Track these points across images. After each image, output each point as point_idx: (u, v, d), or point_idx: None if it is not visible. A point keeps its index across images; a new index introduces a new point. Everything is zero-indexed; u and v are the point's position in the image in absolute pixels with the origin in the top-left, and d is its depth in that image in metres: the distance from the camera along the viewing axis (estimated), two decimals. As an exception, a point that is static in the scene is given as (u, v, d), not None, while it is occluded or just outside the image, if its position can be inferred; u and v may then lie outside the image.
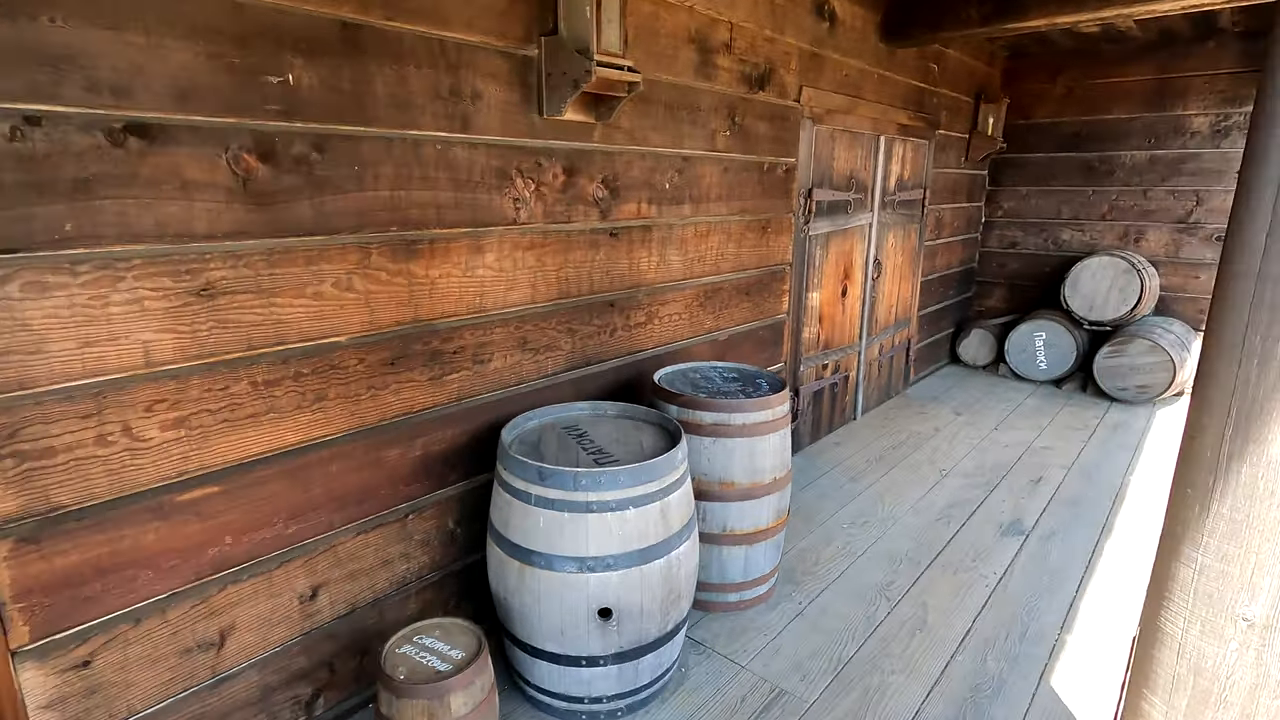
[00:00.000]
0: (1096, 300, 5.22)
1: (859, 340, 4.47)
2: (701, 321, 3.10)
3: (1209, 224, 5.17)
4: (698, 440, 2.37)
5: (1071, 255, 5.74)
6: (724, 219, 3.10)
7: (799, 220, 3.60)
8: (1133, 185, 5.43)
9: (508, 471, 1.91)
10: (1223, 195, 5.08)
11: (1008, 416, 4.76)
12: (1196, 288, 5.29)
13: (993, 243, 6.17)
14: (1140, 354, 4.88)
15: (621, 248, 2.61)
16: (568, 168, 2.33)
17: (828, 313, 4.05)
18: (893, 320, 4.88)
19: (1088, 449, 4.18)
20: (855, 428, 4.50)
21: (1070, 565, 2.88)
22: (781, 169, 3.40)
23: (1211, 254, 5.19)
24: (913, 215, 4.84)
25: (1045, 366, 5.43)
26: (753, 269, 3.35)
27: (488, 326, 2.18)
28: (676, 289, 2.91)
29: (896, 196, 4.54)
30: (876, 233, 4.38)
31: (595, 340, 2.58)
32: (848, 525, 3.22)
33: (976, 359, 5.90)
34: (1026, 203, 5.93)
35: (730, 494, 2.39)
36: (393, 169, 1.85)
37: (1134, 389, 4.96)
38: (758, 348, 3.51)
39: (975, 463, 3.96)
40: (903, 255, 4.82)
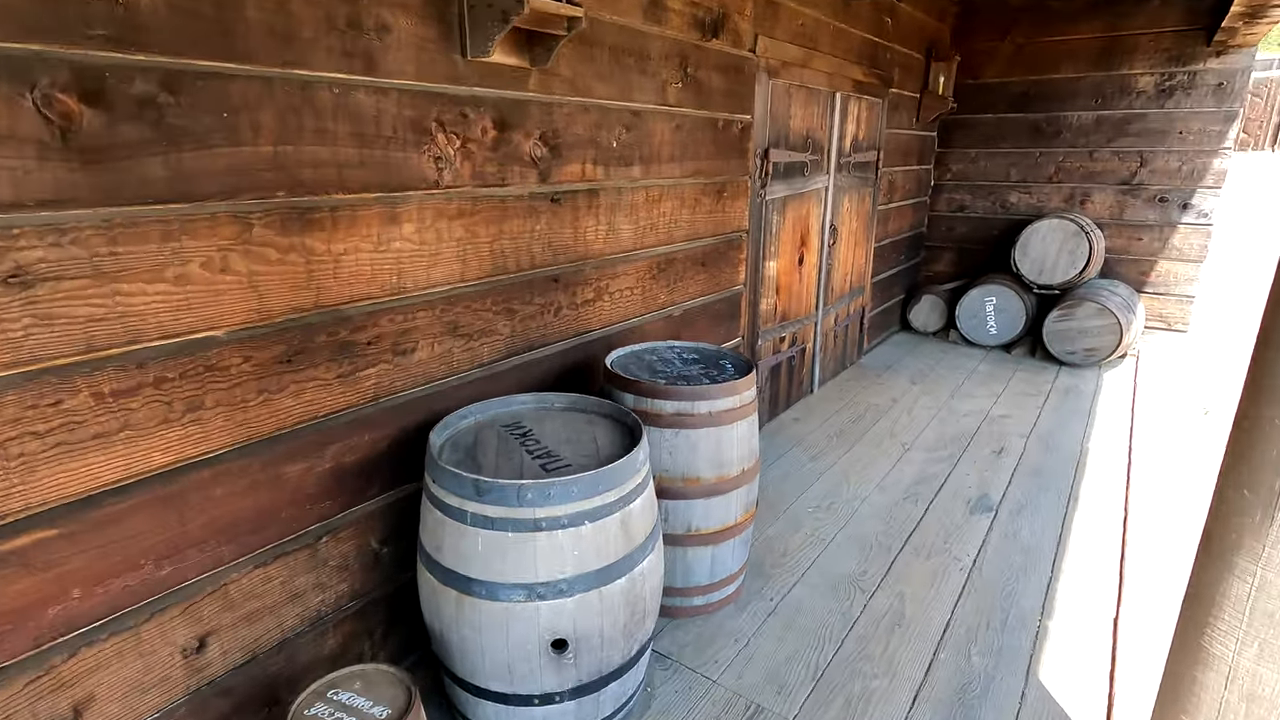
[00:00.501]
0: (1046, 264, 5.18)
1: (816, 310, 4.28)
2: (655, 296, 2.82)
3: (1152, 185, 5.18)
4: (657, 433, 2.10)
5: (1019, 218, 5.69)
6: (677, 182, 2.80)
7: (755, 184, 3.33)
8: (1079, 146, 5.38)
9: (438, 485, 1.61)
10: (1165, 156, 5.08)
11: (963, 384, 4.69)
12: (1139, 249, 5.32)
13: (942, 206, 6.08)
14: (1088, 317, 4.87)
15: (565, 215, 2.29)
16: (499, 121, 1.98)
17: (785, 283, 3.83)
18: (848, 289, 4.71)
19: (1043, 415, 4.13)
20: (813, 402, 4.34)
21: (1042, 543, 2.78)
22: (737, 126, 3.11)
23: (1155, 215, 5.21)
24: (867, 178, 4.65)
25: (995, 331, 5.40)
26: (708, 237, 3.08)
27: (409, 310, 1.84)
28: (627, 261, 2.62)
29: (852, 158, 4.32)
30: (833, 197, 4.17)
31: (538, 322, 2.26)
32: (814, 509, 3.04)
33: (927, 325, 5.83)
34: (975, 165, 5.84)
35: (695, 490, 2.14)
36: (276, 118, 1.48)
37: (1082, 352, 4.97)
38: (714, 323, 3.26)
39: (936, 434, 3.85)
40: (858, 220, 4.64)
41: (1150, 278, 5.31)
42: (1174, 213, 5.13)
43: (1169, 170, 5.09)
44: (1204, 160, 4.96)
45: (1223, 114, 4.84)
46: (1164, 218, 5.17)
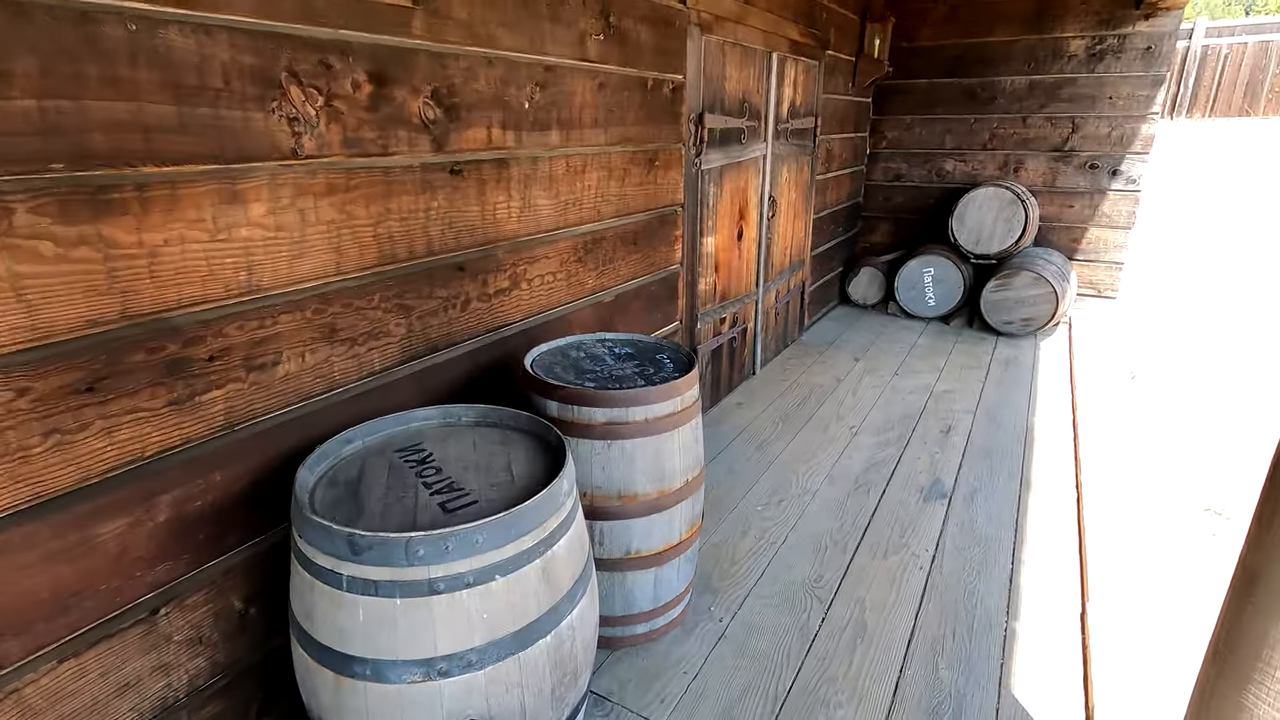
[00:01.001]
0: (983, 233, 5.11)
1: (756, 288, 4.04)
2: (582, 281, 2.49)
3: (1083, 151, 5.15)
4: (587, 445, 1.80)
5: (955, 186, 5.60)
6: (603, 150, 2.46)
7: (690, 152, 3.03)
8: (1013, 112, 5.30)
9: (305, 539, 1.26)
10: (1096, 122, 5.05)
11: (905, 359, 4.57)
12: (1071, 217, 5.31)
13: (878, 175, 5.93)
14: (1025, 287, 4.83)
15: (469, 190, 1.92)
16: (377, 74, 1.60)
17: (724, 259, 3.57)
18: (788, 263, 4.49)
19: (987, 389, 4.04)
20: (755, 384, 4.12)
21: (999, 532, 2.64)
22: (668, 87, 2.79)
23: (1085, 182, 5.19)
24: (805, 146, 4.41)
25: (934, 303, 5.32)
26: (640, 213, 2.76)
27: (267, 314, 1.47)
28: (548, 242, 2.28)
29: (790, 125, 4.07)
30: (771, 166, 3.91)
31: (442, 318, 1.91)
32: (762, 506, 2.82)
33: (866, 298, 5.71)
34: (910, 132, 5.70)
35: (633, 508, 1.86)
36: (38, 63, 1.07)
37: (1019, 322, 4.93)
38: (650, 307, 2.96)
39: (883, 415, 3.70)
40: (796, 191, 4.40)
41: (1081, 245, 5.32)
42: (1104, 179, 5.12)
43: (1099, 136, 5.06)
44: (1133, 125, 4.94)
45: (1150, 78, 4.82)
46: (1094, 184, 5.16)
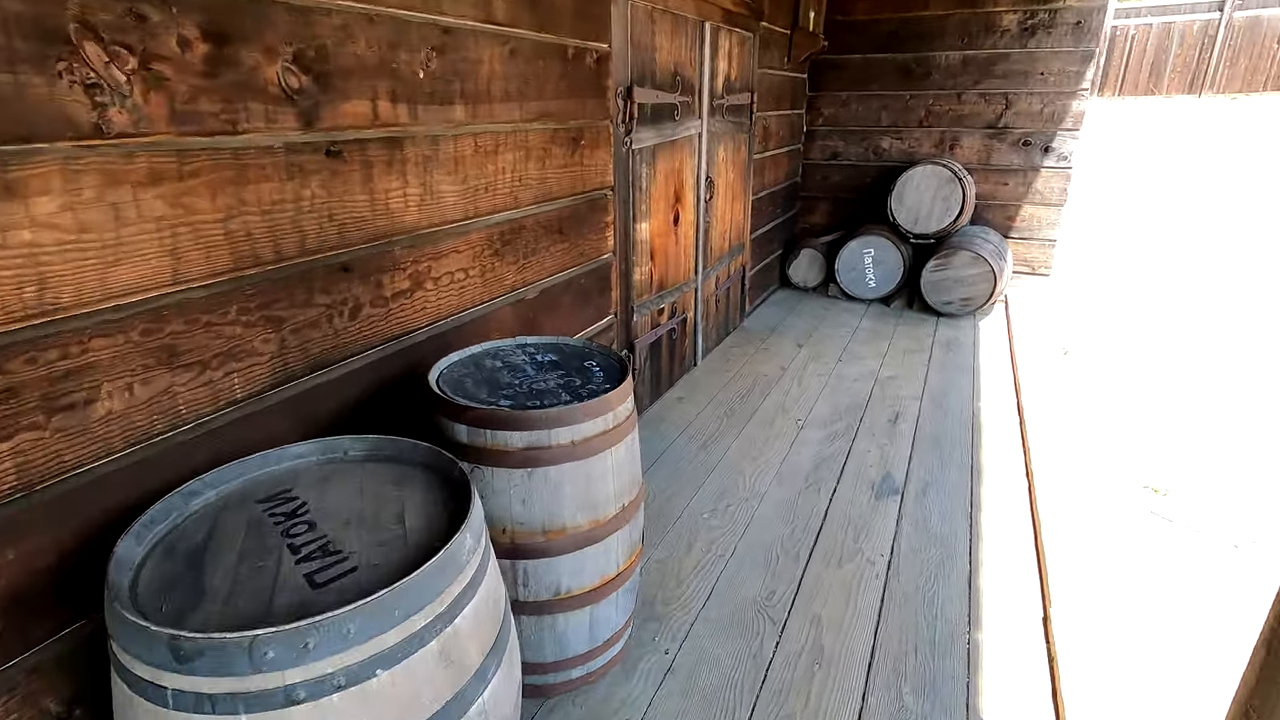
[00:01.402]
0: (921, 212, 5.03)
1: (695, 275, 3.82)
2: (501, 277, 2.20)
3: (1016, 128, 5.12)
4: (504, 475, 1.54)
5: (892, 165, 5.51)
6: (519, 128, 2.17)
7: (619, 130, 2.76)
8: (948, 89, 5.22)
9: (118, 642, 0.96)
10: (1028, 98, 5.02)
11: (848, 344, 4.45)
12: (1006, 194, 5.30)
13: (815, 154, 5.79)
14: (964, 266, 4.78)
15: (353, 175, 1.61)
16: (214, 30, 1.27)
17: (660, 246, 3.32)
18: (727, 247, 4.29)
19: (931, 374, 3.96)
20: (697, 376, 3.92)
21: (954, 529, 2.52)
22: (592, 57, 2.50)
23: (1019, 159, 5.17)
24: (741, 124, 4.19)
25: (874, 285, 5.23)
26: (565, 198, 2.48)
27: (72, 340, 1.14)
28: (457, 234, 1.98)
29: (725, 100, 3.84)
30: (707, 145, 3.68)
31: (325, 330, 1.60)
32: (709, 513, 2.62)
33: (807, 280, 5.59)
34: (847, 109, 5.57)
35: (561, 544, 1.61)
36: None
37: (958, 302, 4.89)
38: (580, 302, 2.70)
39: (829, 406, 3.55)
40: (734, 171, 4.19)
41: (1016, 223, 5.32)
42: (1037, 156, 5.11)
43: (1032, 113, 5.04)
44: (1064, 102, 4.93)
45: (1080, 54, 4.81)
46: (1028, 161, 5.15)
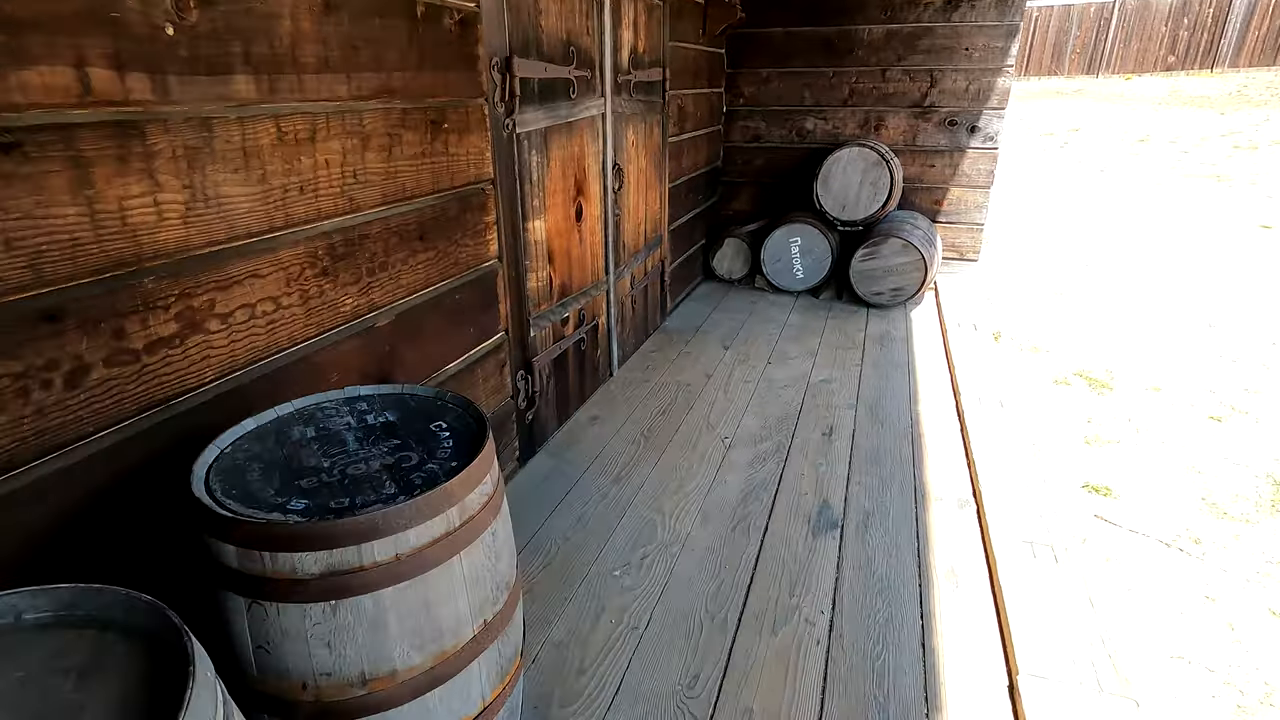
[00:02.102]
0: (848, 198, 4.74)
1: (606, 275, 3.38)
2: (335, 302, 1.70)
3: (942, 107, 4.88)
4: (297, 613, 1.07)
5: (817, 147, 5.20)
6: (349, 108, 1.66)
7: (496, 110, 2.27)
8: (871, 65, 4.93)
9: None
10: (953, 75, 4.79)
11: (777, 343, 4.12)
12: (932, 177, 5.07)
13: (736, 136, 5.42)
14: (893, 255, 4.52)
15: (49, 179, 1.09)
16: None
17: (561, 246, 2.86)
18: (643, 242, 3.86)
19: (865, 375, 3.67)
20: (613, 390, 3.50)
21: (902, 570, 2.20)
22: (452, 19, 2.00)
23: (945, 140, 4.94)
24: (654, 103, 3.75)
25: (802, 275, 4.92)
26: (426, 195, 1.98)
27: None
28: (258, 251, 1.47)
29: (633, 77, 3.39)
30: (613, 127, 3.22)
31: (14, 410, 1.08)
32: (620, 569, 2.21)
33: (732, 272, 5.23)
34: (768, 87, 5.21)
35: (392, 694, 1.15)
36: None
37: (889, 293, 4.64)
38: (456, 323, 2.21)
39: (759, 419, 3.20)
40: (646, 157, 3.76)
41: (944, 206, 5.11)
42: (963, 136, 4.89)
43: (957, 91, 4.80)
44: (989, 79, 4.72)
45: (1005, 28, 4.59)
46: (954, 142, 4.93)
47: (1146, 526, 2.93)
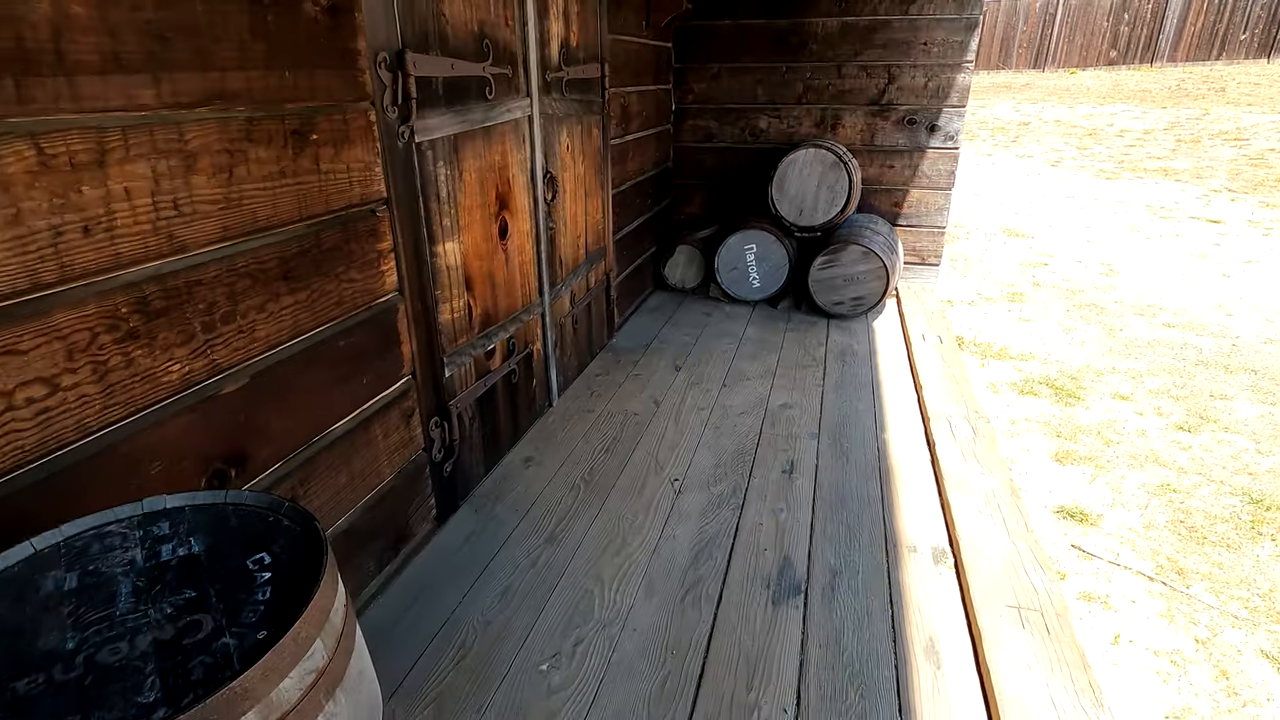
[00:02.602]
0: (805, 202, 4.45)
1: (540, 296, 3.02)
2: (154, 374, 1.31)
3: (901, 105, 4.63)
4: None
5: (771, 147, 4.91)
6: (161, 118, 1.27)
7: (388, 115, 1.89)
8: (827, 60, 4.65)
9: None
10: (912, 71, 4.54)
11: (733, 361, 3.81)
12: (891, 178, 4.83)
13: (687, 136, 5.09)
14: (854, 262, 4.25)
15: None
16: None
17: (481, 269, 2.49)
18: (584, 255, 3.51)
19: (827, 397, 3.39)
20: (552, 424, 3.14)
21: (876, 649, 1.91)
22: (316, 6, 1.61)
23: (905, 139, 4.70)
24: (591, 103, 3.40)
25: (759, 284, 4.63)
26: (290, 225, 1.60)
27: None
28: (10, 320, 1.07)
29: (566, 74, 3.02)
30: (541, 130, 2.85)
31: None
32: (549, 663, 1.86)
33: (685, 281, 4.92)
34: (719, 84, 4.89)
35: None
36: None
37: (849, 302, 4.38)
38: (339, 376, 1.83)
39: (713, 455, 2.88)
40: (585, 162, 3.40)
41: (904, 209, 4.87)
42: (922, 136, 4.66)
43: (916, 88, 4.56)
44: (948, 75, 4.48)
45: (964, 22, 4.36)
46: (913, 142, 4.69)
47: (1127, 557, 2.72)
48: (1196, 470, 3.31)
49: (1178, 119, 14.36)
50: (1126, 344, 4.73)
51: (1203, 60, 18.47)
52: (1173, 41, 18.91)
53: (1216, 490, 3.15)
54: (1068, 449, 3.44)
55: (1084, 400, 3.98)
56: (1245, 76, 17.07)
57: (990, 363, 4.46)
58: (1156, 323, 5.15)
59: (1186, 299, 5.57)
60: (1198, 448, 3.50)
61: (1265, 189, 9.41)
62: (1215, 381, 4.15)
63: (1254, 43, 17.68)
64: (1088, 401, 3.97)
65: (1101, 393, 4.06)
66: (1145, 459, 3.39)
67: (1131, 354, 4.57)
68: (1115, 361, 4.46)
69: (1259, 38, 17.56)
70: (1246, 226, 7.83)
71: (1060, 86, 19.13)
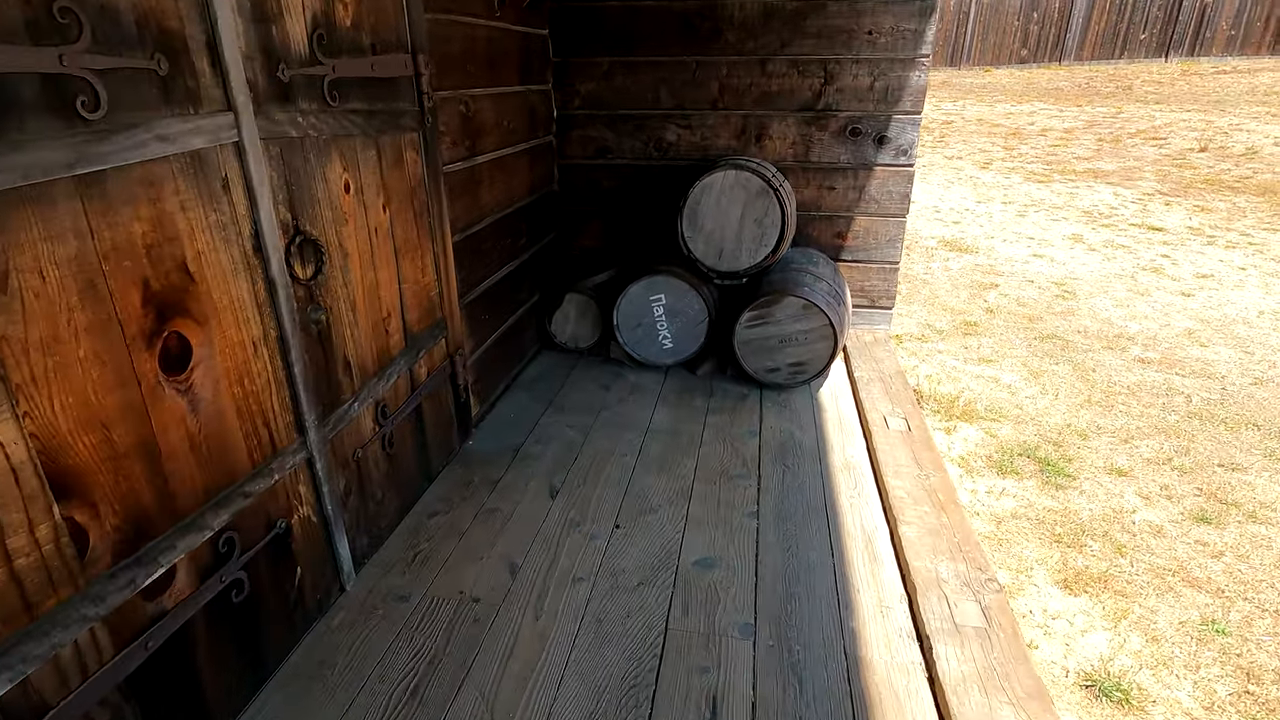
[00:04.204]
0: (726, 241, 3.40)
1: (300, 435, 1.82)
2: None
3: (841, 110, 3.65)
4: None
5: (683, 163, 3.84)
6: None
7: None
8: (747, 54, 3.61)
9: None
10: (854, 67, 3.55)
11: (633, 475, 2.71)
12: (832, 203, 3.84)
13: (576, 150, 3.96)
14: (792, 319, 3.23)
15: None
16: None
17: (104, 446, 1.28)
18: (400, 343, 2.33)
19: (765, 541, 2.34)
20: (337, 633, 1.95)
21: None
22: None
23: (847, 154, 3.72)
24: (396, 115, 2.21)
25: (671, 345, 3.56)
26: None
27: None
28: None
29: (328, 70, 1.83)
30: (274, 165, 1.65)
31: None
32: None
33: (578, 339, 3.79)
34: (611, 84, 3.78)
35: None
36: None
37: (787, 369, 3.36)
38: None
39: (588, 687, 1.77)
40: (394, 204, 2.22)
41: (848, 241, 3.90)
42: (869, 150, 3.69)
43: (859, 89, 3.58)
44: (899, 73, 3.52)
45: (917, 6, 3.40)
46: (859, 157, 3.71)
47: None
48: (1239, 592, 2.46)
49: (1095, 117, 14.21)
50: (1105, 391, 3.92)
51: (1107, 59, 18.72)
52: (1079, 40, 19.10)
53: (1275, 623, 2.31)
54: (1075, 565, 2.55)
55: (1075, 479, 3.12)
56: (1148, 75, 17.31)
57: (957, 426, 3.55)
58: (1129, 358, 4.39)
59: (1153, 326, 4.87)
60: (1229, 553, 2.66)
61: (1195, 191, 9.08)
62: (1219, 444, 3.37)
63: (1153, 42, 18.01)
64: (1080, 481, 3.10)
65: (1094, 466, 3.20)
66: (1172, 575, 2.53)
67: (1114, 405, 3.76)
68: (1098, 417, 3.63)
69: (1157, 37, 17.89)
70: (1189, 234, 7.34)
71: (977, 84, 19.00)
